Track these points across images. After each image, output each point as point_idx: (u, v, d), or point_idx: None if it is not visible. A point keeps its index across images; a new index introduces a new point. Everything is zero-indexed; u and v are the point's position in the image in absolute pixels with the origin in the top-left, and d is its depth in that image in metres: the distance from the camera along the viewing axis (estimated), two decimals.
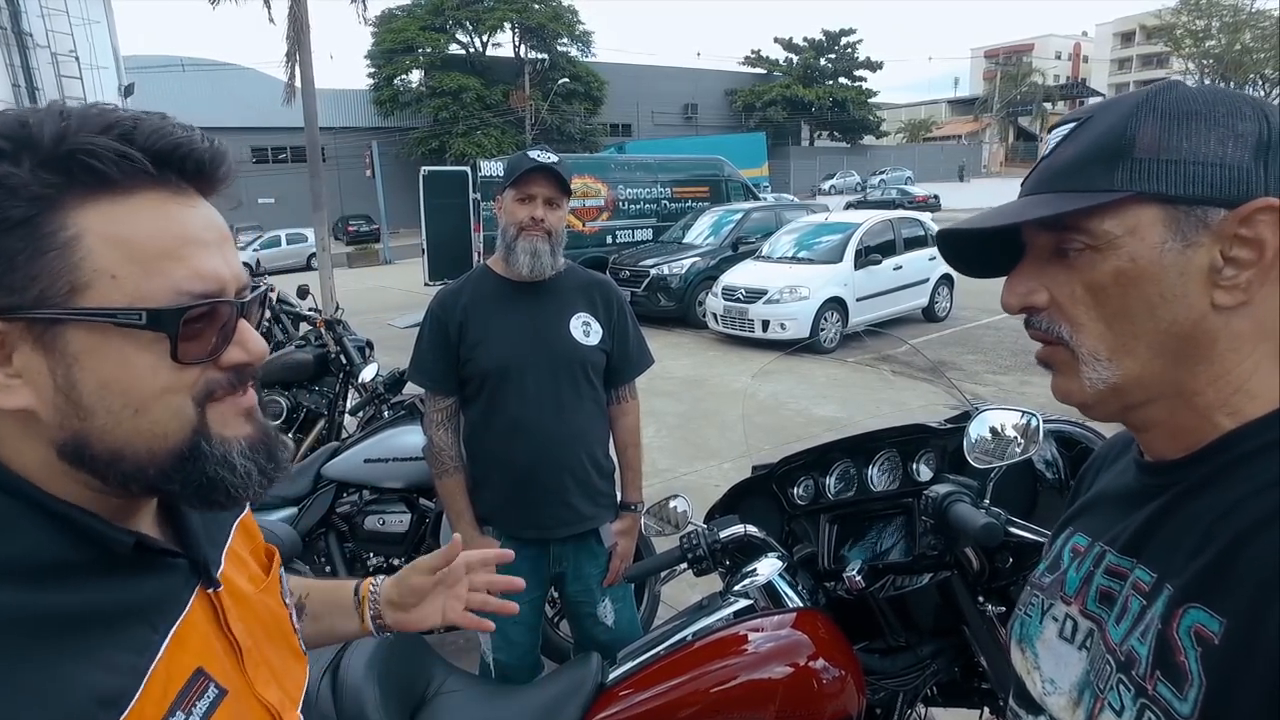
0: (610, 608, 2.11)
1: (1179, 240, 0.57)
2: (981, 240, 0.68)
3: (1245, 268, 0.56)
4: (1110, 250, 0.58)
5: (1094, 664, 0.65)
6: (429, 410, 2.04)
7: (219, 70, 34.18)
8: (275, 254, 23.87)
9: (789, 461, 1.80)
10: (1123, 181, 0.57)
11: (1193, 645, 0.54)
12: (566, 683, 1.53)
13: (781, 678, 1.39)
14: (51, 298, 0.51)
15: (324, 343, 4.80)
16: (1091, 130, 0.61)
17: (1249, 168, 0.55)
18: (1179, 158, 0.56)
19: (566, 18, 37.45)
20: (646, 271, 10.73)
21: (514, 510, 2.01)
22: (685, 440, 5.88)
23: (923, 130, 65.59)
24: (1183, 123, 0.57)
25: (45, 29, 11.50)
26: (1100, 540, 0.68)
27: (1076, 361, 0.62)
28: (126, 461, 0.56)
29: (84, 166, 0.51)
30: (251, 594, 0.72)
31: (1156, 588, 0.59)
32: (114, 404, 0.54)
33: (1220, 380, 0.59)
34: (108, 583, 0.56)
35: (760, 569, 1.54)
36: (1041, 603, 0.74)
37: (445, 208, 13.02)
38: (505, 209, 1.94)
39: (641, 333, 2.16)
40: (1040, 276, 0.64)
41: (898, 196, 30.04)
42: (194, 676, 0.59)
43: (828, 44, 47.22)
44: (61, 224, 0.51)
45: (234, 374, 0.60)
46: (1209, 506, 0.58)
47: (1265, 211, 0.54)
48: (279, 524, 2.81)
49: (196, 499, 0.59)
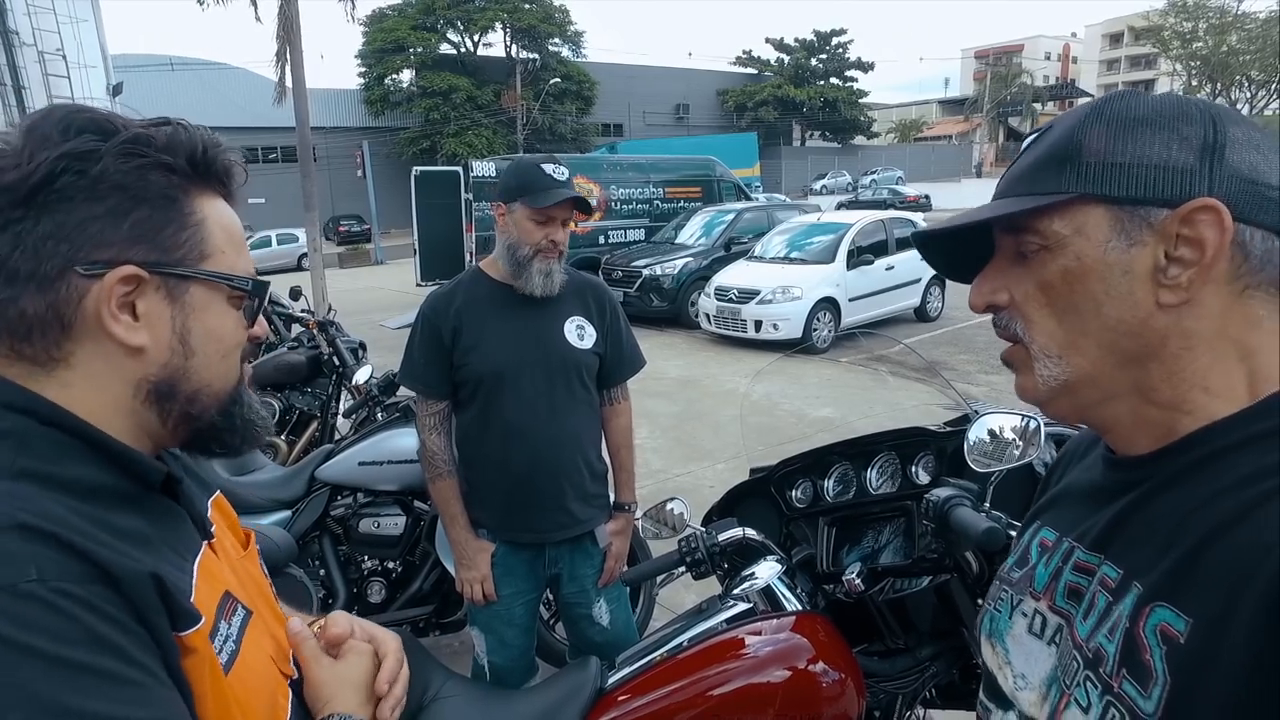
0: (605, 608, 2.11)
1: (1123, 240, 0.59)
2: (957, 243, 0.71)
3: (1187, 266, 0.57)
4: (1059, 249, 0.61)
5: (1062, 660, 0.65)
6: (422, 414, 2.02)
7: (208, 70, 33.98)
8: (266, 254, 23.70)
9: (787, 464, 1.80)
10: (1069, 184, 0.60)
11: (1158, 644, 0.55)
12: (565, 687, 1.52)
13: (781, 681, 1.39)
14: (190, 260, 0.68)
15: (317, 344, 4.77)
16: (1049, 137, 0.64)
17: (1193, 169, 0.57)
18: (1124, 160, 0.59)
19: (558, 18, 37.42)
20: (639, 272, 10.73)
21: (511, 515, 2.01)
22: (679, 441, 5.88)
23: (914, 130, 65.83)
24: (1129, 128, 0.59)
25: (32, 27, 11.40)
26: (1068, 536, 0.69)
27: (1031, 359, 0.65)
28: (203, 397, 0.70)
29: (211, 170, 0.70)
30: (236, 559, 0.81)
31: (1123, 584, 0.60)
32: (211, 348, 0.70)
33: (1175, 377, 0.60)
34: (144, 513, 0.66)
35: (759, 572, 1.53)
36: (1011, 598, 0.75)
37: (437, 208, 12.99)
38: (517, 225, 1.89)
39: (633, 334, 2.16)
40: (1004, 277, 0.67)
41: (889, 196, 30.14)
42: (225, 596, 0.70)
43: (819, 44, 47.32)
44: (194, 208, 0.68)
45: (251, 346, 0.77)
46: (1176, 505, 0.58)
47: (1204, 211, 0.56)
48: (273, 528, 2.79)
49: (240, 437, 0.75)
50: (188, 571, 0.66)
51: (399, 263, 20.36)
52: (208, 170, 0.69)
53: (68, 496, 0.59)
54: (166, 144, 0.66)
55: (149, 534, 0.64)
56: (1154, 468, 0.62)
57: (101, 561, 0.55)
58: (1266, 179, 0.57)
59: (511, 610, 2.05)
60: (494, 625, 2.06)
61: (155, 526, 0.66)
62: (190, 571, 0.66)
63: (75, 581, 0.53)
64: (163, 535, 0.66)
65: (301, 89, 12.01)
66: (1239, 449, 0.57)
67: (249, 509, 2.91)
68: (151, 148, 0.65)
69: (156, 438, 0.70)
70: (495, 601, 2.03)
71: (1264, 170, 0.58)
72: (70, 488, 0.59)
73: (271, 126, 29.74)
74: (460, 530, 2.01)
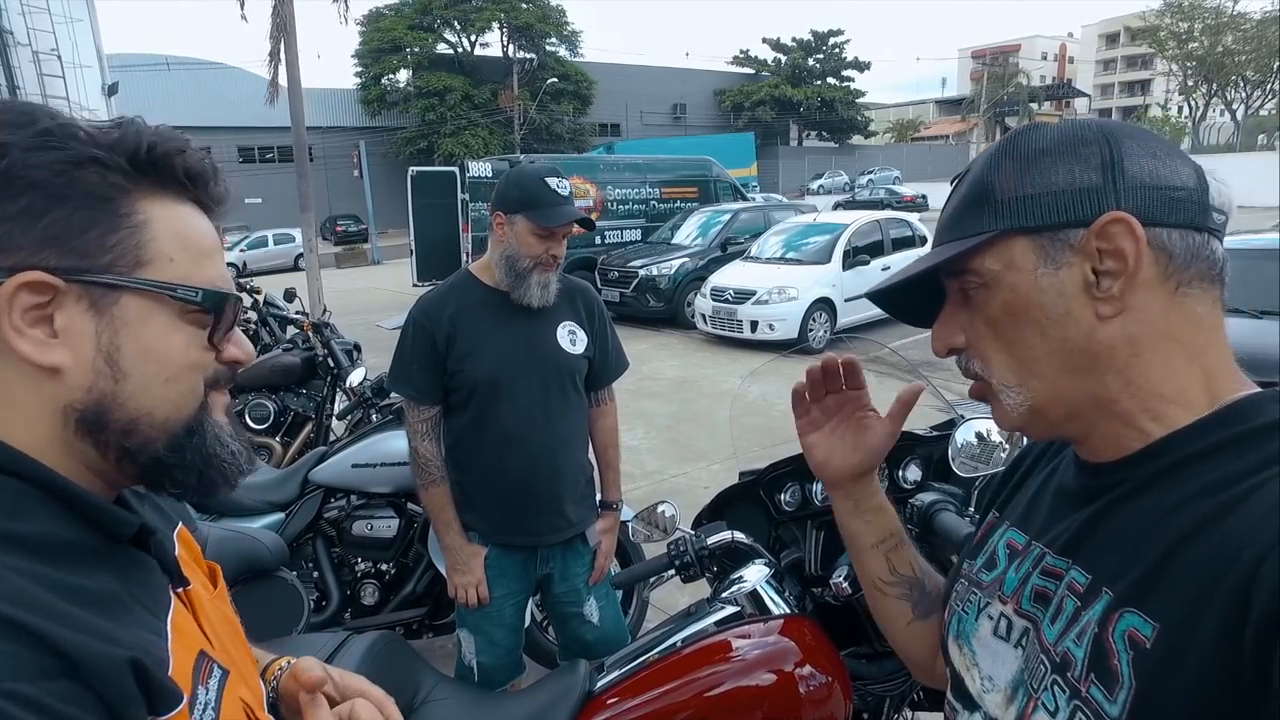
0: (595, 606, 2.12)
1: (1050, 265, 0.62)
2: (912, 293, 0.74)
3: (1115, 277, 0.60)
4: (996, 285, 0.64)
5: (1029, 663, 0.66)
6: (412, 420, 2.00)
7: (205, 69, 33.91)
8: (262, 255, 23.70)
9: (776, 467, 1.80)
10: (988, 223, 0.64)
11: (1126, 649, 0.56)
12: (554, 690, 1.53)
13: (768, 684, 1.40)
14: (119, 267, 0.59)
15: (311, 345, 4.77)
16: (967, 181, 0.68)
17: (1099, 186, 0.60)
18: (1034, 191, 0.62)
19: (555, 17, 37.42)
20: (635, 272, 10.72)
21: (506, 519, 2.01)
22: (674, 442, 5.88)
23: (910, 130, 65.89)
24: (1033, 160, 0.63)
25: (26, 27, 11.36)
26: (1039, 540, 0.71)
27: (994, 393, 0.68)
28: (142, 428, 0.61)
29: (164, 170, 0.62)
30: (206, 599, 0.74)
31: (1092, 590, 0.61)
32: (149, 370, 0.60)
33: (1131, 386, 0.62)
34: (111, 569, 0.58)
35: (747, 576, 1.54)
36: (979, 600, 0.76)
37: (434, 208, 12.96)
38: (519, 237, 1.88)
39: (619, 336, 2.17)
40: (956, 319, 0.70)
41: (886, 196, 30.17)
42: (200, 656, 0.63)
43: (816, 44, 47.38)
44: (135, 209, 0.60)
45: (229, 369, 0.67)
46: (1144, 512, 0.60)
47: (1115, 223, 0.59)
48: (264, 531, 2.79)
49: (195, 477, 0.65)
50: (163, 634, 0.59)
51: (395, 263, 20.34)
52: (157, 169, 0.61)
53: (25, 558, 0.51)
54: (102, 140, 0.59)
55: (121, 594, 0.57)
56: (1123, 474, 0.63)
57: (65, 648, 0.48)
58: (1169, 181, 0.60)
59: (502, 611, 2.06)
60: (484, 626, 2.07)
61: (126, 583, 0.59)
62: (165, 634, 0.60)
63: (29, 679, 0.46)
64: (135, 593, 0.59)
65: (297, 89, 12.00)
66: (1203, 457, 0.58)
67: (242, 511, 2.91)
68: (77, 141, 0.57)
69: (105, 475, 0.62)
70: (488, 604, 2.03)
71: (1164, 174, 0.60)
72: (28, 546, 0.52)
73: (268, 126, 29.74)
74: (453, 535, 2.01)
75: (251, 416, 4.63)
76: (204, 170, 0.65)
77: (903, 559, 0.92)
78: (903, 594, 0.92)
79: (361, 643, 1.59)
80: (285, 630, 2.65)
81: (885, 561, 0.92)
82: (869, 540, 0.92)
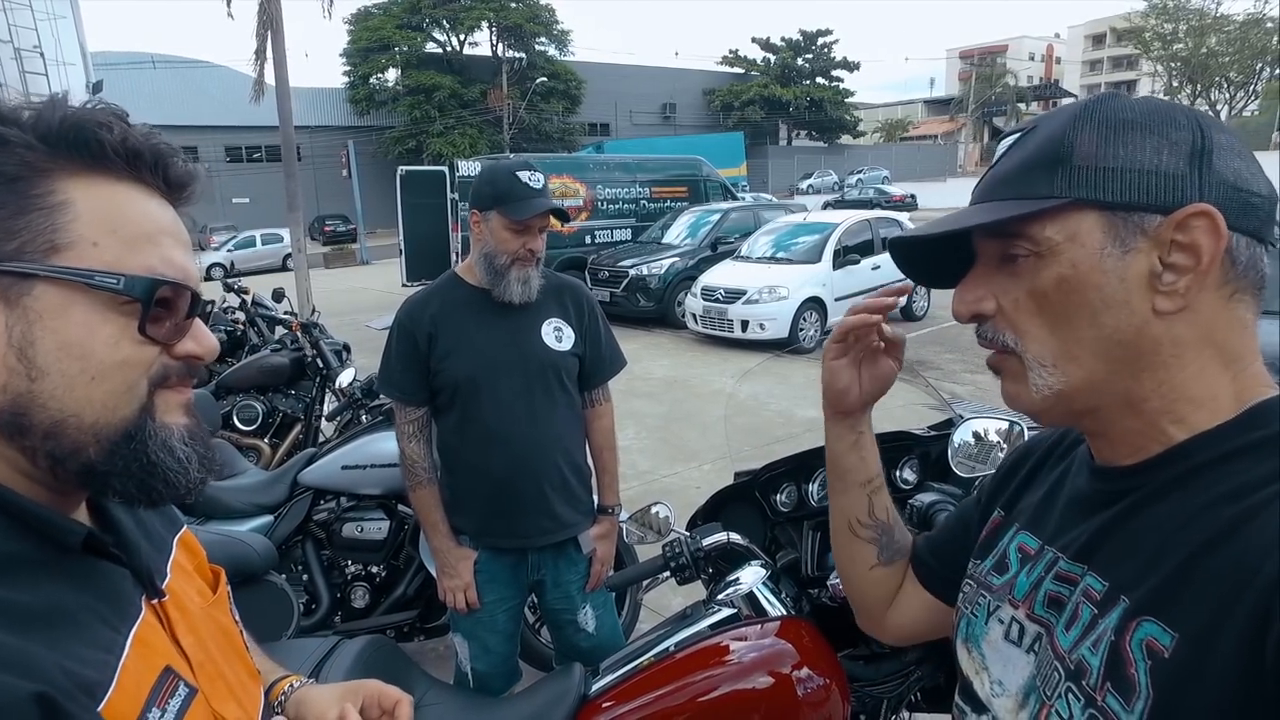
0: (591, 614, 2.09)
1: (1118, 246, 0.58)
2: (934, 249, 0.69)
3: (1183, 273, 0.56)
4: (1052, 257, 0.59)
5: (1041, 669, 0.65)
6: (400, 421, 2.00)
7: (191, 67, 33.66)
8: (250, 255, 23.55)
9: (771, 468, 1.79)
10: (1061, 188, 0.59)
11: (1143, 658, 0.54)
12: (549, 694, 1.51)
13: (765, 687, 1.38)
14: (30, 253, 0.53)
15: (300, 346, 4.74)
16: (1035, 139, 0.62)
17: (1184, 174, 0.56)
18: (1116, 165, 0.57)
19: (544, 17, 37.36)
20: (625, 272, 10.71)
21: (493, 521, 1.99)
22: (665, 442, 5.87)
23: (899, 130, 66.15)
24: (1120, 131, 0.58)
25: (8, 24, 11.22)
26: (1052, 545, 0.69)
27: (1024, 369, 0.63)
28: (68, 434, 0.54)
29: (84, 145, 0.55)
30: (200, 609, 0.70)
31: (1109, 597, 0.59)
32: (71, 367, 0.54)
33: (1164, 386, 0.59)
34: (61, 581, 0.55)
35: (743, 577, 1.53)
36: (988, 604, 0.74)
37: (423, 208, 12.92)
38: (493, 232, 1.87)
39: (613, 334, 2.13)
40: (989, 284, 0.65)
41: (875, 196, 30.27)
42: (164, 674, 0.59)
43: (805, 44, 47.49)
44: (51, 189, 0.54)
45: (185, 366, 0.61)
46: (1163, 519, 0.58)
47: (1199, 217, 0.55)
48: (252, 534, 2.76)
49: (135, 486, 0.58)
50: (116, 651, 0.55)
51: (384, 263, 20.25)
52: (78, 146, 0.55)
53: None
54: (13, 118, 0.54)
55: (72, 608, 0.54)
56: (1141, 479, 0.61)
57: None
58: (1249, 185, 0.57)
59: (494, 617, 2.03)
60: (477, 632, 2.04)
61: (80, 593, 0.55)
62: (120, 650, 0.56)
63: None
64: (93, 606, 0.56)
65: (285, 87, 11.91)
66: (1225, 462, 0.57)
67: (230, 514, 2.88)
68: None
69: (46, 483, 0.57)
70: (478, 609, 2.01)
71: (1247, 177, 0.58)
72: None
73: (255, 126, 29.50)
74: (442, 538, 1.99)
75: (240, 418, 4.58)
76: (145, 149, 0.59)
77: (882, 503, 0.93)
78: (873, 538, 0.92)
79: (352, 647, 1.57)
80: (275, 635, 2.61)
81: (867, 502, 0.92)
82: (859, 477, 0.92)
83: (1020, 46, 74.16)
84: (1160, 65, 43.87)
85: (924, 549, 0.94)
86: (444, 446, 2.02)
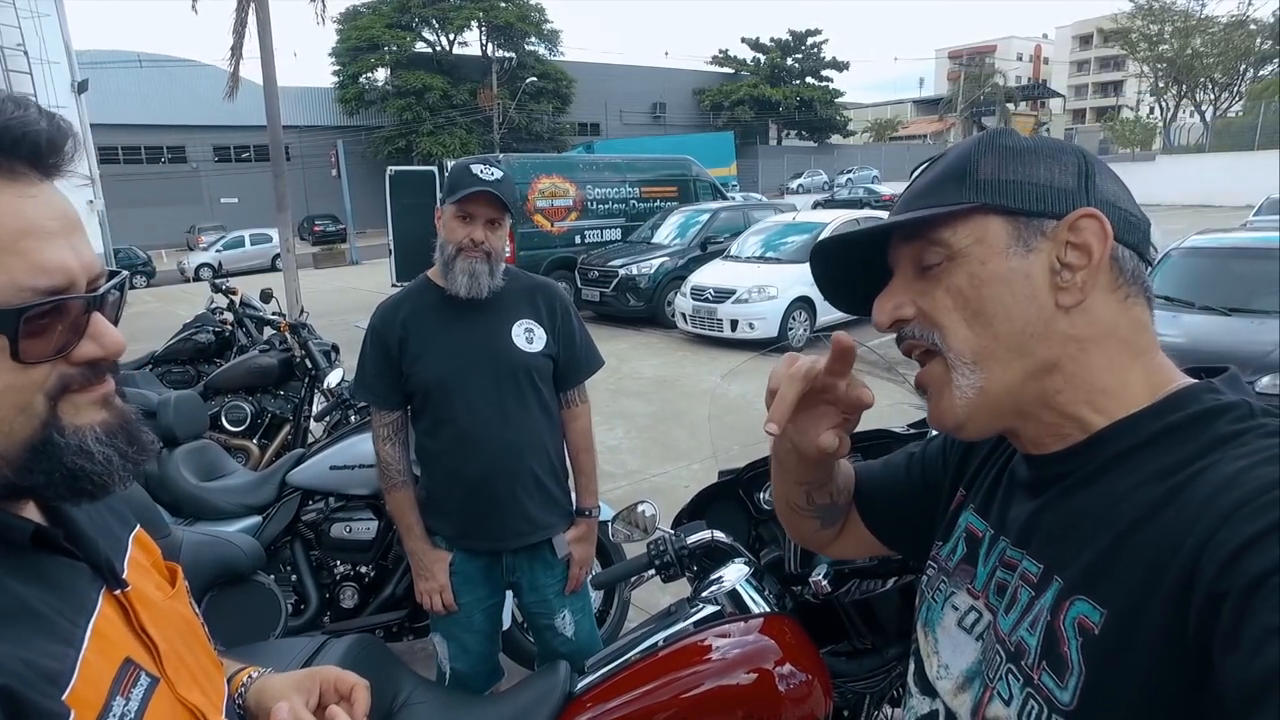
0: (570, 619, 2.09)
1: (1021, 246, 0.64)
2: (852, 271, 0.74)
3: (1077, 270, 0.63)
4: (963, 258, 0.65)
5: (985, 653, 0.68)
6: (375, 425, 2.00)
7: (178, 66, 33.41)
8: (239, 255, 23.44)
9: (755, 466, 1.81)
10: (969, 195, 0.65)
11: (1075, 635, 0.58)
12: (535, 692, 1.53)
13: (748, 683, 1.40)
14: None
15: (289, 346, 4.73)
16: (943, 162, 0.70)
17: (1074, 189, 0.64)
18: (1015, 178, 0.65)
19: (534, 16, 37.28)
20: (615, 271, 10.71)
21: (467, 523, 1.99)
22: (654, 441, 5.89)
23: (889, 130, 66.36)
24: (1017, 154, 0.66)
25: None
26: (999, 531, 0.72)
27: (948, 370, 0.67)
28: None
29: None
30: (160, 601, 0.71)
31: (1044, 579, 0.63)
32: None
33: (1075, 379, 0.64)
34: (14, 577, 0.55)
35: (726, 575, 1.55)
36: (946, 589, 0.77)
37: (412, 208, 12.87)
38: (445, 224, 1.89)
39: (589, 334, 2.12)
40: (906, 291, 0.70)
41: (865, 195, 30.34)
42: (125, 665, 0.59)
43: (794, 44, 47.57)
44: None
45: (89, 367, 0.57)
46: (1093, 501, 0.62)
47: (1088, 219, 0.62)
48: (240, 535, 2.76)
49: (65, 490, 0.57)
50: (76, 643, 0.56)
51: (374, 263, 20.17)
52: None
53: None
54: None
55: (26, 601, 0.54)
56: (1070, 464, 0.65)
57: None
58: (1128, 207, 0.66)
59: (472, 618, 2.04)
60: (455, 632, 2.05)
61: (35, 587, 0.56)
62: (80, 643, 0.56)
63: None
64: (46, 599, 0.56)
65: (273, 87, 11.84)
66: (1148, 445, 0.61)
67: (218, 515, 2.87)
68: None
69: None
70: (455, 610, 2.01)
71: (1124, 199, 0.66)
72: None
73: (244, 125, 29.40)
74: (416, 540, 2.00)
75: (228, 419, 4.57)
76: None
77: (823, 493, 0.91)
78: (813, 516, 0.94)
79: (339, 646, 1.58)
80: (263, 635, 2.61)
81: (804, 494, 0.91)
82: (796, 477, 0.89)
83: (1008, 47, 74.56)
84: (1146, 66, 44.11)
85: (873, 490, 0.94)
86: (420, 449, 2.03)
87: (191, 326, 5.54)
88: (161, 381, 4.94)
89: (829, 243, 0.74)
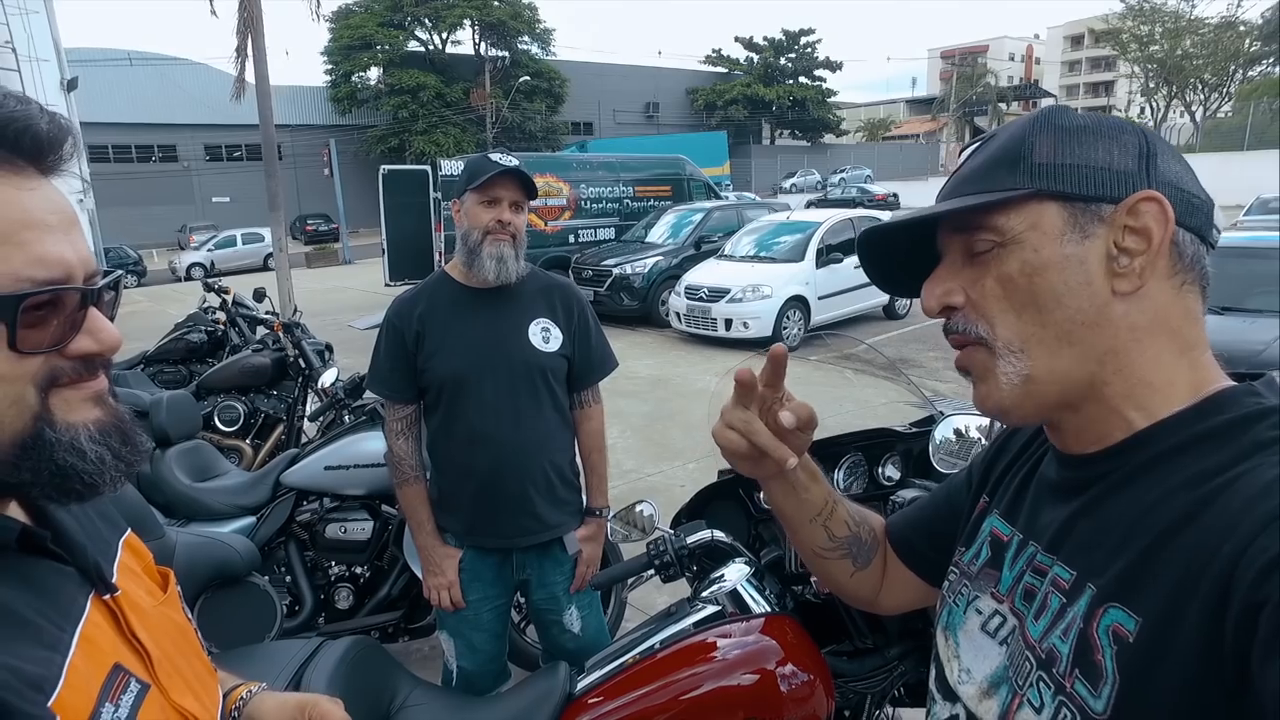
0: (577, 615, 2.09)
1: (1077, 233, 0.61)
2: (900, 254, 0.72)
3: (1136, 255, 0.60)
4: (1015, 245, 0.63)
5: (1013, 660, 0.67)
6: (389, 419, 2.01)
7: (169, 65, 33.22)
8: (231, 254, 23.33)
9: None
10: (1023, 181, 0.63)
11: (1110, 643, 0.56)
12: (535, 693, 1.52)
13: (750, 684, 1.39)
14: None
15: (282, 346, 4.70)
16: (995, 143, 0.67)
17: (1134, 171, 0.61)
18: (1072, 161, 0.62)
19: (527, 15, 37.21)
20: (609, 271, 10.71)
21: (478, 520, 1.99)
22: (650, 441, 5.88)
23: (882, 129, 66.53)
24: (1074, 135, 0.63)
25: None
26: (1026, 535, 0.71)
27: (993, 358, 0.65)
28: None
29: None
30: (151, 606, 0.70)
31: (1077, 586, 0.61)
32: None
33: (1125, 370, 0.62)
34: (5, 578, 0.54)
35: (727, 575, 1.54)
36: (968, 593, 0.76)
37: (406, 207, 12.85)
38: (467, 213, 1.89)
39: (605, 335, 2.12)
40: (956, 278, 0.68)
41: (858, 195, 30.42)
42: (114, 671, 0.58)
43: (788, 43, 47.62)
44: None
45: (82, 362, 0.57)
46: (1128, 506, 0.60)
47: (1149, 202, 0.60)
48: (234, 536, 2.74)
49: (53, 489, 0.56)
50: (62, 649, 0.55)
51: (367, 262, 20.11)
52: None
53: None
54: None
55: (10, 605, 0.54)
56: (1105, 466, 0.63)
57: None
58: (1190, 188, 0.62)
59: (479, 615, 2.03)
60: (462, 630, 2.04)
61: (20, 591, 0.55)
62: (66, 649, 0.55)
63: None
64: (33, 603, 0.55)
65: (265, 85, 11.78)
66: (1185, 449, 0.59)
67: (212, 516, 2.85)
68: None
69: None
70: (463, 607, 2.01)
71: (1187, 180, 0.63)
72: None
73: (236, 124, 29.22)
74: (427, 536, 1.99)
75: (221, 419, 4.54)
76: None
77: (839, 522, 0.90)
78: (843, 555, 0.92)
79: (336, 648, 1.56)
80: (258, 637, 2.60)
81: (824, 531, 0.90)
82: (806, 515, 0.89)
83: (1001, 47, 74.85)
84: (1137, 66, 44.33)
85: (905, 527, 0.94)
86: (432, 445, 2.03)
87: (184, 326, 5.51)
88: (154, 381, 4.91)
89: (876, 230, 0.73)
